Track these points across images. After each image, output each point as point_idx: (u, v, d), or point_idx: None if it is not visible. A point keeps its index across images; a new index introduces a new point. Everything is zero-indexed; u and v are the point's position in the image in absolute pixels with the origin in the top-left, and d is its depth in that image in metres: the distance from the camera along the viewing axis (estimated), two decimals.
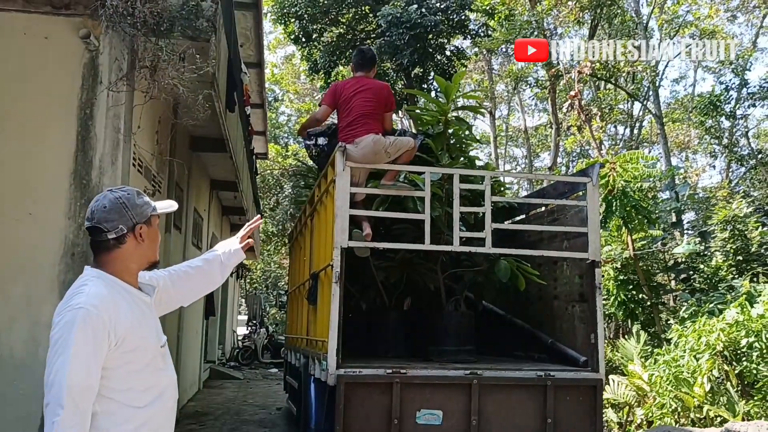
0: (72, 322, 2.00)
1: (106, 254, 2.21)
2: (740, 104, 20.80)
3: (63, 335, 2.00)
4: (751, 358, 7.48)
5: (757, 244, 11.44)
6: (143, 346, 2.20)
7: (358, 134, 5.32)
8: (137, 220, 2.23)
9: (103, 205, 2.20)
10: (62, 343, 1.99)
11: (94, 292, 2.09)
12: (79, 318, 2.01)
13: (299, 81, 32.14)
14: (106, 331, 2.05)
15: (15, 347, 5.14)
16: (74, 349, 1.97)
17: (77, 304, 2.04)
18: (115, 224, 2.18)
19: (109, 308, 2.07)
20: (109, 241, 2.19)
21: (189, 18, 5.55)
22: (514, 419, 5.07)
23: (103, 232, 2.18)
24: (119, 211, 2.20)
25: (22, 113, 5.42)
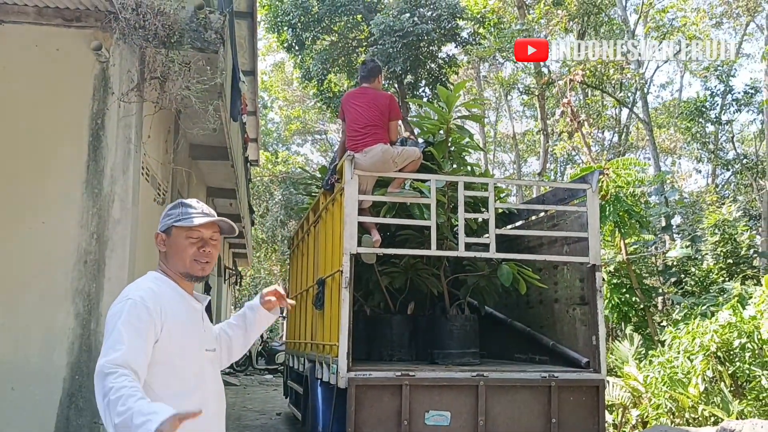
0: (119, 312, 2.11)
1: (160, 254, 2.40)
2: (725, 110, 21.19)
3: (110, 325, 2.10)
4: (743, 358, 7.66)
5: (746, 247, 11.70)
6: (187, 347, 2.25)
7: (367, 144, 5.46)
8: (160, 228, 2.36)
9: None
10: (110, 332, 2.08)
11: (142, 285, 2.23)
12: (126, 308, 2.11)
13: (289, 88, 32.23)
14: (152, 319, 2.13)
15: (30, 354, 5.22)
16: (116, 335, 2.06)
17: (126, 296, 2.17)
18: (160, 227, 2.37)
19: (155, 300, 2.18)
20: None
21: (198, 30, 5.67)
22: (520, 419, 5.22)
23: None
24: (165, 213, 2.39)
25: (34, 124, 5.51)
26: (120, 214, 5.45)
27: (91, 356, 5.21)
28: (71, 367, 5.20)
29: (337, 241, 5.54)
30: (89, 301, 5.30)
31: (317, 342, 6.51)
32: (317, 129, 34.16)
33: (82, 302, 5.29)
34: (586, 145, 13.73)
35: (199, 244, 2.33)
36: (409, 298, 6.72)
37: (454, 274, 6.57)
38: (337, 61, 17.68)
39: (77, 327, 5.26)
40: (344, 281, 5.13)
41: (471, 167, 7.21)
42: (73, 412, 5.15)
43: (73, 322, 5.26)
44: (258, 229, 25.27)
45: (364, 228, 5.58)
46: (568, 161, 27.67)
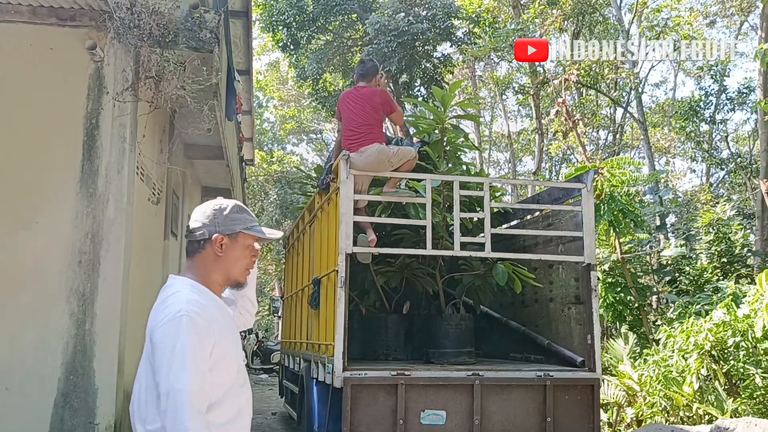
0: (178, 331, 1.99)
1: (191, 258, 2.23)
2: (719, 109, 21.27)
3: (171, 344, 1.98)
4: (738, 357, 7.70)
5: (740, 246, 11.74)
6: (229, 358, 2.17)
7: (362, 143, 5.47)
8: (220, 230, 2.19)
9: (204, 210, 2.22)
10: (171, 354, 1.97)
11: (190, 298, 2.09)
12: (183, 325, 2.00)
13: (284, 87, 32.19)
14: (208, 336, 2.05)
15: (24, 354, 5.21)
16: (186, 357, 1.96)
17: (178, 311, 2.03)
18: (201, 228, 2.19)
19: (205, 314, 2.08)
20: (194, 243, 2.21)
21: (193, 30, 5.66)
22: (515, 418, 5.23)
23: (192, 233, 2.21)
24: (210, 217, 2.20)
25: (29, 123, 5.50)
26: (115, 214, 5.44)
27: (86, 356, 5.21)
28: (66, 367, 5.19)
29: (333, 241, 5.55)
30: (84, 301, 5.29)
31: (313, 341, 6.51)
32: (313, 128, 34.15)
33: (76, 302, 5.28)
34: (580, 145, 13.75)
35: (256, 255, 2.29)
36: (405, 297, 6.73)
37: (449, 273, 6.58)
38: (332, 61, 17.66)
39: (72, 327, 5.25)
40: (340, 281, 5.13)
41: (466, 166, 7.22)
42: (67, 412, 5.14)
43: (67, 322, 5.24)
44: None
45: (360, 227, 5.59)
46: (563, 160, 27.72)
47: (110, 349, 5.28)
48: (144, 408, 2.05)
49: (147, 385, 2.06)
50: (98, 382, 5.21)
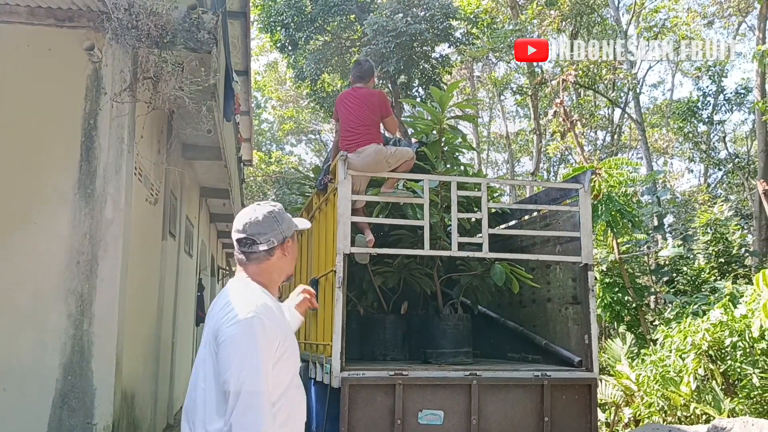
0: (249, 333, 2.03)
1: (254, 265, 2.26)
2: (717, 110, 21.31)
3: (243, 345, 2.02)
4: (735, 357, 7.72)
5: (738, 246, 11.77)
6: (289, 359, 2.22)
7: (360, 144, 5.47)
8: (286, 234, 2.28)
9: (257, 218, 2.25)
10: (243, 354, 2.01)
11: (261, 302, 2.14)
12: (255, 328, 2.04)
13: (282, 88, 32.20)
14: (275, 339, 2.10)
15: (22, 354, 5.21)
16: (257, 360, 2.01)
17: (249, 313, 2.07)
18: (267, 237, 2.23)
19: (273, 317, 2.14)
20: (260, 252, 2.24)
21: (191, 30, 5.67)
22: (513, 418, 5.24)
23: (256, 243, 2.23)
24: (271, 225, 2.25)
25: (26, 124, 5.50)
26: (113, 215, 5.45)
27: (84, 357, 5.21)
28: (64, 368, 5.20)
29: (331, 241, 5.55)
30: (82, 302, 5.29)
31: (311, 342, 6.52)
32: (311, 129, 34.16)
33: (74, 303, 5.28)
34: (578, 145, 13.77)
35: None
36: (403, 297, 6.73)
37: (447, 273, 6.58)
38: (331, 61, 17.68)
39: (70, 327, 5.25)
40: (338, 281, 5.14)
41: (464, 167, 7.23)
42: (65, 412, 5.14)
43: (65, 322, 5.25)
44: None
45: (358, 228, 5.60)
46: (561, 161, 27.77)
47: (108, 350, 5.28)
48: (204, 408, 2.07)
49: (208, 386, 2.07)
50: (96, 383, 5.21)
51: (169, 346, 8.86)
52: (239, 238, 2.25)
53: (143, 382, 6.94)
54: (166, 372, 8.59)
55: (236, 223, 2.28)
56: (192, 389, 2.16)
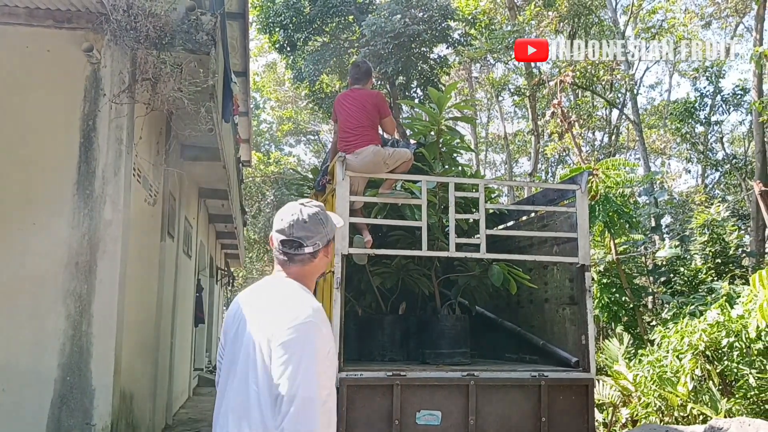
0: (306, 338, 2.01)
1: (298, 267, 2.22)
2: (714, 110, 21.36)
3: (299, 350, 2.00)
4: (732, 357, 7.75)
5: (735, 247, 11.81)
6: (334, 365, 2.24)
7: (358, 145, 5.49)
8: (330, 237, 2.25)
9: (303, 220, 2.19)
10: (299, 359, 1.99)
11: (315, 305, 2.11)
12: (312, 333, 2.02)
13: (281, 89, 32.22)
14: (329, 343, 2.10)
15: (21, 354, 5.22)
16: (313, 365, 1.99)
17: (307, 317, 2.05)
18: (313, 240, 2.19)
19: (327, 323, 2.12)
20: (305, 255, 2.20)
21: (189, 32, 5.68)
22: (510, 418, 5.26)
23: (302, 246, 2.19)
24: (317, 228, 2.21)
25: (25, 125, 5.51)
26: (111, 216, 5.46)
27: (83, 357, 5.23)
28: (63, 369, 5.21)
29: None
30: (81, 303, 5.30)
31: None
32: (309, 129, 34.17)
33: (73, 304, 5.30)
34: (576, 146, 13.80)
35: None
36: (401, 298, 6.75)
37: (445, 274, 6.61)
38: (329, 62, 17.68)
39: (68, 328, 5.26)
40: (336, 282, 5.16)
41: (462, 168, 7.27)
42: (64, 413, 5.15)
43: (64, 323, 5.26)
44: (250, 229, 25.28)
45: (356, 229, 5.62)
46: (559, 162, 27.82)
47: (107, 350, 5.30)
48: (260, 410, 2.03)
49: (262, 388, 2.04)
50: (95, 383, 5.23)
51: (167, 347, 8.87)
52: (284, 240, 2.20)
53: (142, 382, 6.95)
54: (164, 372, 8.60)
55: (280, 223, 2.21)
56: (237, 391, 2.09)
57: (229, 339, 2.22)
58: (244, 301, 2.26)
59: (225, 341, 2.27)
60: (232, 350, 2.18)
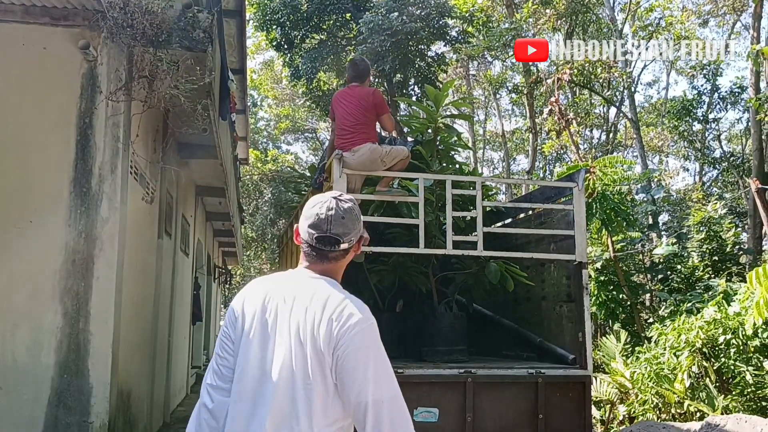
0: (373, 338, 1.96)
1: (330, 264, 2.11)
2: (712, 108, 21.39)
3: (372, 352, 1.95)
4: (729, 354, 7.78)
5: (732, 244, 11.83)
6: None
7: (355, 142, 5.49)
8: (362, 232, 2.15)
9: (341, 216, 2.05)
10: (377, 359, 1.95)
11: (363, 303, 2.05)
12: (375, 332, 1.98)
13: (278, 86, 32.19)
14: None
15: (18, 352, 5.21)
16: (387, 364, 1.97)
17: (367, 317, 1.98)
18: (349, 236, 2.08)
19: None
20: (339, 252, 2.09)
21: (186, 29, 5.66)
22: (508, 415, 5.28)
23: (339, 243, 2.06)
24: (354, 223, 2.09)
25: (21, 123, 5.49)
26: (108, 213, 5.45)
27: (80, 355, 5.22)
28: (60, 366, 5.20)
29: None
30: (78, 300, 5.30)
31: None
32: (307, 127, 34.14)
33: (70, 301, 5.29)
34: (574, 144, 13.81)
35: None
36: (398, 296, 6.76)
37: (442, 272, 6.61)
38: (326, 60, 17.65)
39: (66, 326, 5.26)
40: None
41: (459, 166, 7.27)
42: (62, 411, 5.15)
43: (61, 321, 5.25)
44: (248, 227, 25.26)
45: None
46: (556, 159, 27.84)
47: (104, 348, 5.29)
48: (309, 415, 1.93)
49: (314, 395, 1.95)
50: (92, 381, 5.22)
51: (165, 345, 8.87)
52: (320, 237, 2.05)
53: (140, 380, 6.95)
54: (162, 370, 8.60)
55: (315, 218, 2.06)
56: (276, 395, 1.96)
57: (252, 335, 2.05)
58: (274, 295, 2.08)
59: (240, 336, 2.08)
60: (259, 350, 2.02)
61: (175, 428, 9.03)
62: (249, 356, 2.02)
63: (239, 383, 2.03)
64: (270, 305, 2.05)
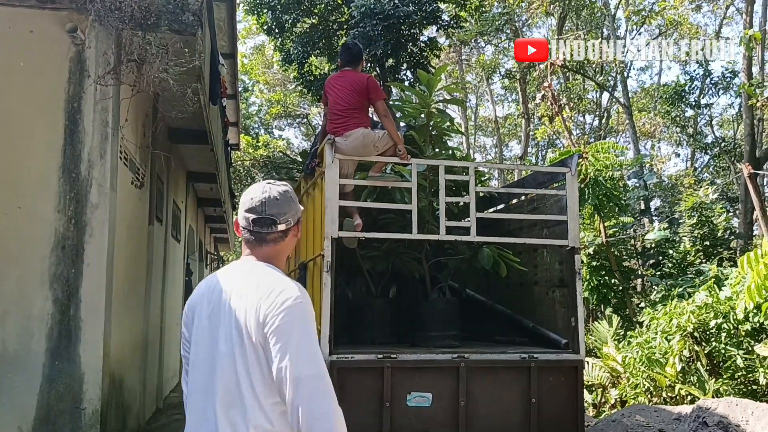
0: (301, 318, 2.01)
1: (270, 247, 2.18)
2: (704, 94, 21.39)
3: (297, 331, 1.98)
4: (719, 338, 7.83)
5: (723, 229, 11.88)
6: None
7: (348, 127, 5.44)
8: (299, 215, 2.23)
9: (274, 197, 2.15)
10: (299, 339, 1.97)
11: (299, 286, 2.10)
12: (305, 312, 2.03)
13: (270, 71, 31.96)
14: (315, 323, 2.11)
15: (8, 340, 5.17)
16: (314, 343, 2.01)
17: (297, 298, 2.03)
18: (285, 217, 2.16)
19: (310, 301, 2.12)
20: (277, 233, 2.17)
21: (175, 12, 5.59)
22: (500, 400, 5.29)
23: (276, 224, 2.15)
24: (289, 204, 2.18)
25: (9, 108, 5.41)
26: (98, 199, 5.39)
27: (71, 342, 5.19)
28: (51, 353, 5.17)
29: (319, 226, 5.54)
30: (68, 287, 5.25)
31: None
32: (299, 112, 33.96)
33: (60, 288, 5.25)
34: (566, 129, 13.79)
35: None
36: (391, 281, 6.74)
37: (435, 257, 6.60)
38: (318, 44, 17.50)
39: (56, 313, 5.22)
40: (326, 265, 5.14)
41: (452, 151, 7.23)
42: (53, 397, 5.12)
43: (51, 307, 5.21)
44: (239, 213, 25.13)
45: (346, 212, 5.58)
46: (549, 145, 27.84)
47: (95, 335, 5.26)
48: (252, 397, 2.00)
49: (254, 376, 2.01)
50: (84, 367, 5.19)
51: (157, 331, 8.84)
52: (256, 219, 2.14)
53: (132, 366, 6.92)
54: (154, 356, 8.58)
55: (250, 202, 2.16)
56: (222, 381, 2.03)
57: (200, 329, 2.14)
58: (215, 288, 2.17)
59: (192, 333, 2.19)
60: (207, 340, 2.11)
61: (168, 414, 9.02)
62: (199, 350, 2.13)
63: (192, 377, 2.15)
64: (214, 298, 2.14)
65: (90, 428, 5.18)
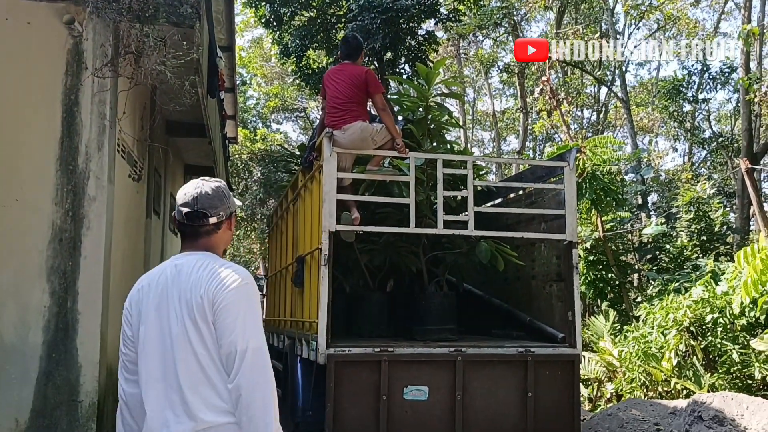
0: (247, 296, 2.18)
1: (204, 240, 2.33)
2: (702, 89, 21.38)
3: (244, 307, 2.16)
4: (715, 333, 7.85)
5: (720, 224, 11.90)
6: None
7: (346, 121, 5.44)
8: (232, 209, 2.38)
9: (206, 192, 2.30)
10: (245, 315, 2.15)
11: (243, 269, 2.27)
12: (250, 291, 2.20)
13: (267, 64, 31.86)
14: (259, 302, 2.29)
15: (5, 332, 5.16)
16: (258, 319, 2.19)
17: (243, 279, 2.20)
18: (217, 210, 2.30)
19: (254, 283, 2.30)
20: (209, 226, 2.30)
21: (174, 4, 5.55)
22: (497, 393, 5.31)
23: (207, 217, 2.29)
24: (220, 199, 2.32)
25: (6, 100, 5.38)
26: (95, 192, 5.38)
27: (68, 334, 5.18)
28: (48, 346, 5.16)
29: (316, 219, 5.54)
30: (65, 279, 5.25)
31: (297, 319, 6.53)
32: (296, 106, 33.87)
33: (57, 280, 5.24)
34: (564, 124, 13.78)
35: None
36: (389, 275, 6.75)
37: (433, 251, 6.60)
38: (316, 38, 17.44)
39: (53, 305, 5.21)
40: (323, 259, 5.14)
41: (450, 145, 7.23)
42: (50, 390, 5.12)
43: (48, 300, 5.21)
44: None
45: (344, 206, 5.58)
46: (547, 139, 27.82)
47: (92, 327, 5.25)
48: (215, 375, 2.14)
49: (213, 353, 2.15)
50: (81, 360, 5.19)
51: None
52: (189, 213, 2.29)
53: None
54: None
55: (184, 197, 2.31)
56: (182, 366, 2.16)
57: (148, 322, 2.24)
58: (158, 280, 2.28)
59: (138, 329, 2.28)
60: (157, 331, 2.22)
61: None
62: (147, 341, 2.24)
63: (145, 368, 2.25)
64: (155, 290, 2.27)
65: (87, 420, 5.18)
